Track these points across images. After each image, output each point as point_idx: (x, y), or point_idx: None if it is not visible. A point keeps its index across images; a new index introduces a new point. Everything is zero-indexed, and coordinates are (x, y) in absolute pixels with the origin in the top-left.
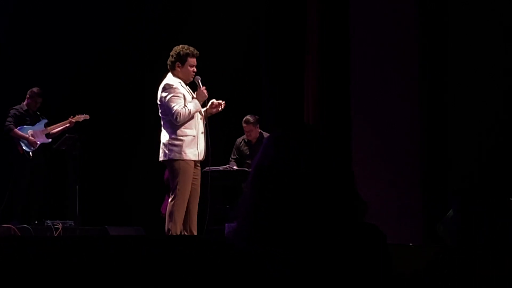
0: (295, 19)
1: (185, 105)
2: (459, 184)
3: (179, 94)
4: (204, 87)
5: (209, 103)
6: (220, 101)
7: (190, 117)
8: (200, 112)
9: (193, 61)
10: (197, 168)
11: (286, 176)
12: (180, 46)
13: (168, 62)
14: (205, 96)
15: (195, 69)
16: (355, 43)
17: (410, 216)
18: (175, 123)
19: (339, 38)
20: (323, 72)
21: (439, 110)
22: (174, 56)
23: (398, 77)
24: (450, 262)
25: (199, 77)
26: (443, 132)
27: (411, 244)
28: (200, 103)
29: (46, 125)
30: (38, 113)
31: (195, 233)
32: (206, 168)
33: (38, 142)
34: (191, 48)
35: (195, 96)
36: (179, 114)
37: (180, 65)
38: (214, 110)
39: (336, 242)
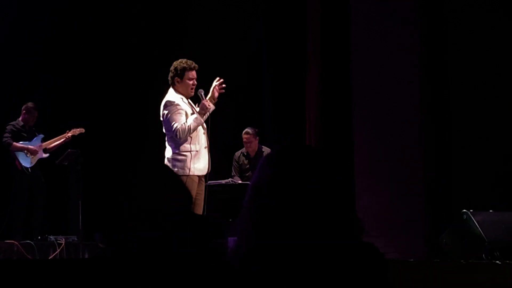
0: (296, 31)
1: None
2: (463, 195)
3: (180, 110)
4: (206, 99)
5: (211, 90)
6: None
7: (192, 132)
8: (203, 126)
9: (192, 74)
10: (201, 183)
11: (283, 195)
12: (178, 60)
13: (169, 78)
14: (207, 107)
15: (195, 82)
16: (356, 52)
17: (413, 226)
18: (176, 139)
19: (340, 48)
20: (324, 85)
21: (442, 118)
22: (173, 71)
23: (400, 85)
24: None
25: (202, 90)
26: (446, 141)
27: (412, 259)
28: (202, 116)
29: (43, 140)
30: (34, 128)
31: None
32: (209, 182)
33: (38, 151)
34: (189, 62)
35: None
36: (178, 131)
37: (179, 80)
38: (220, 91)
39: (333, 262)
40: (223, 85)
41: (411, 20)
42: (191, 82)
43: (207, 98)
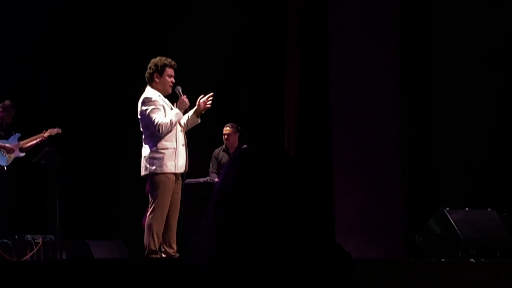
0: (276, 26)
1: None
2: (440, 194)
3: (159, 106)
4: (185, 96)
5: (197, 102)
6: (207, 96)
7: (173, 126)
8: (180, 124)
9: (171, 71)
10: (178, 182)
11: (247, 197)
12: (157, 58)
13: (146, 74)
14: (186, 104)
15: (173, 80)
16: (335, 54)
17: (391, 226)
18: (158, 134)
19: (319, 48)
20: (303, 86)
21: (419, 119)
22: (152, 67)
23: (379, 87)
24: None
25: (179, 87)
26: (424, 142)
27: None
28: (181, 112)
29: (19, 139)
30: (11, 127)
31: (175, 247)
32: (187, 180)
33: (15, 149)
34: (169, 59)
35: (175, 107)
36: (161, 125)
37: (158, 76)
38: (206, 106)
39: (297, 263)
40: (210, 100)
41: (389, 22)
42: (170, 79)
43: (192, 112)
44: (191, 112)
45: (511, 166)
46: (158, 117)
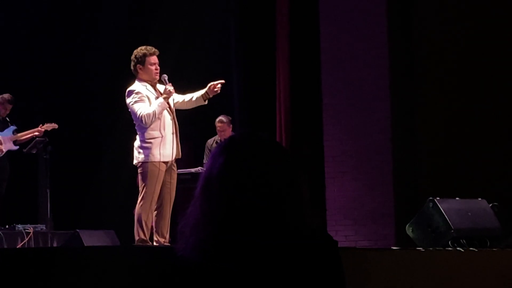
0: (266, 17)
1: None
2: (430, 184)
3: (142, 97)
4: (170, 84)
5: (207, 87)
6: (217, 82)
7: (158, 116)
8: (169, 112)
9: (153, 59)
10: (172, 171)
11: (233, 186)
12: (137, 48)
13: (131, 68)
14: (171, 92)
15: (157, 67)
16: (325, 41)
17: (382, 215)
18: (143, 126)
19: (310, 35)
20: (294, 76)
21: (410, 108)
22: (134, 59)
23: (369, 76)
24: None
25: (165, 75)
26: (414, 131)
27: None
28: (166, 100)
29: (15, 132)
30: (7, 119)
31: (167, 236)
32: (178, 170)
33: (4, 150)
34: (148, 47)
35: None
36: (144, 117)
37: (141, 66)
38: (214, 91)
39: (285, 252)
40: (219, 86)
41: (379, 13)
42: (153, 67)
43: (201, 93)
44: (199, 93)
45: (501, 155)
46: (141, 109)
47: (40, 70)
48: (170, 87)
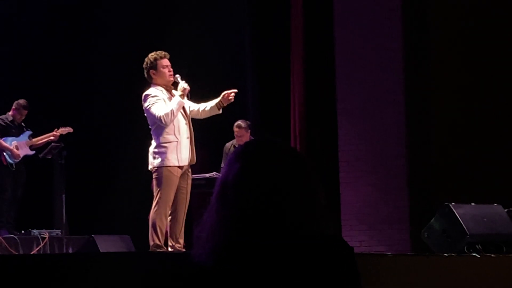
0: (280, 22)
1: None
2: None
3: (158, 99)
4: (184, 81)
5: (221, 96)
6: (231, 91)
7: (176, 114)
8: (184, 117)
9: (164, 61)
10: (187, 176)
11: (249, 192)
12: (148, 55)
13: (145, 75)
14: (186, 89)
15: (170, 69)
16: (340, 47)
17: (397, 220)
18: (163, 125)
19: (324, 39)
20: (309, 80)
21: (424, 115)
22: (146, 66)
23: (384, 81)
24: None
25: (178, 75)
26: (429, 136)
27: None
28: (182, 98)
29: (30, 137)
30: (23, 124)
31: (182, 242)
32: (193, 175)
33: (21, 155)
34: (158, 52)
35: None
36: (163, 117)
37: (154, 71)
38: (228, 99)
39: (302, 257)
40: (233, 95)
41: (394, 18)
42: (166, 70)
43: (215, 102)
44: (213, 102)
45: None
46: (159, 109)
47: (55, 75)
48: (185, 84)
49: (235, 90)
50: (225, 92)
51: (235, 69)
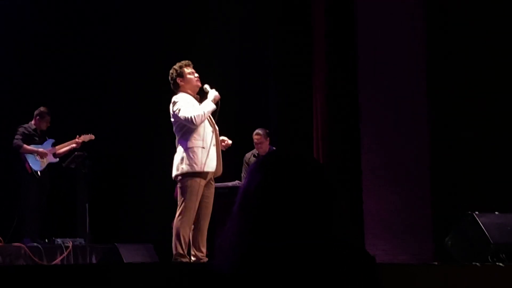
0: (302, 29)
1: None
2: (469, 198)
3: (188, 103)
4: (213, 90)
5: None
6: (229, 141)
7: (206, 116)
8: (211, 124)
9: (190, 68)
10: (210, 185)
11: (271, 202)
12: (173, 66)
13: (172, 87)
14: (218, 97)
15: (197, 75)
16: (363, 56)
17: (421, 229)
18: (193, 126)
19: (346, 46)
20: (331, 88)
21: (447, 123)
22: (172, 76)
23: (407, 89)
24: None
25: (207, 85)
26: (452, 145)
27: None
28: (213, 102)
29: (53, 145)
30: (45, 133)
31: (204, 251)
32: (215, 184)
33: (48, 154)
34: (182, 61)
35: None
36: (194, 117)
37: (181, 79)
38: (223, 145)
39: (322, 267)
40: (228, 144)
41: (417, 23)
42: (193, 76)
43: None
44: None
45: None
46: (190, 111)
47: (77, 83)
48: (215, 92)
49: (230, 143)
50: (225, 139)
51: (257, 77)
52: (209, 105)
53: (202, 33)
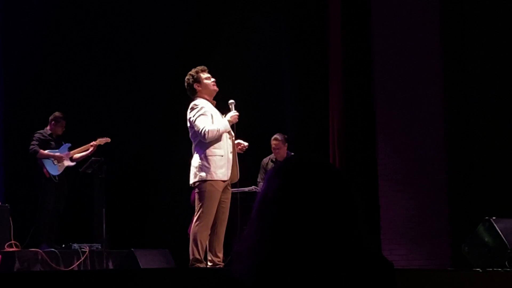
0: (318, 35)
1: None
2: (486, 204)
3: (206, 112)
4: (235, 111)
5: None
6: (245, 144)
7: (219, 135)
8: (229, 132)
9: (206, 73)
10: (227, 191)
11: (289, 209)
12: (188, 73)
13: (188, 93)
14: (235, 120)
15: (213, 79)
16: (379, 60)
17: (438, 235)
18: (203, 141)
19: (362, 52)
20: (347, 94)
21: (465, 126)
22: (189, 82)
23: (424, 93)
24: None
25: (233, 101)
26: (470, 150)
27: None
28: (230, 124)
29: (70, 149)
30: (61, 137)
31: (221, 256)
32: (232, 189)
33: (65, 158)
34: (198, 67)
35: (225, 117)
36: (207, 132)
37: (198, 84)
38: (239, 148)
39: (342, 275)
40: (245, 146)
41: (433, 23)
42: (210, 81)
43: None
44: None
45: None
46: (205, 123)
47: (95, 88)
48: (235, 113)
49: (246, 145)
50: (241, 142)
51: (273, 83)
52: (225, 125)
53: (220, 39)
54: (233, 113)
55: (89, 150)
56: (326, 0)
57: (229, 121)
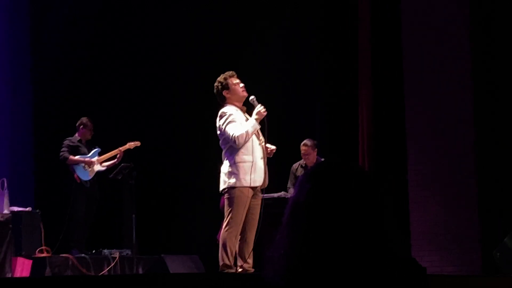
0: (348, 42)
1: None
2: None
3: (234, 118)
4: (260, 105)
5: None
6: (273, 147)
7: (250, 136)
8: (258, 137)
9: (234, 79)
10: (257, 197)
11: (320, 213)
12: (217, 79)
13: (218, 100)
14: (262, 114)
15: (242, 85)
16: (408, 68)
17: (468, 241)
18: (235, 146)
19: (392, 58)
20: (377, 99)
21: (494, 132)
22: (218, 88)
23: (454, 99)
24: None
25: (253, 96)
26: (498, 156)
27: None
28: (257, 121)
29: (100, 154)
30: (90, 142)
31: (251, 262)
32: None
33: (95, 162)
34: (226, 73)
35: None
36: (237, 137)
37: (227, 91)
38: (268, 152)
39: (373, 280)
40: (273, 150)
41: (462, 32)
42: (238, 86)
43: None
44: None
45: None
46: (235, 129)
47: (126, 93)
48: (261, 108)
49: (274, 148)
50: (269, 146)
51: (303, 88)
52: (253, 125)
53: (250, 45)
54: (258, 108)
55: (117, 157)
56: (355, 3)
57: (256, 118)
